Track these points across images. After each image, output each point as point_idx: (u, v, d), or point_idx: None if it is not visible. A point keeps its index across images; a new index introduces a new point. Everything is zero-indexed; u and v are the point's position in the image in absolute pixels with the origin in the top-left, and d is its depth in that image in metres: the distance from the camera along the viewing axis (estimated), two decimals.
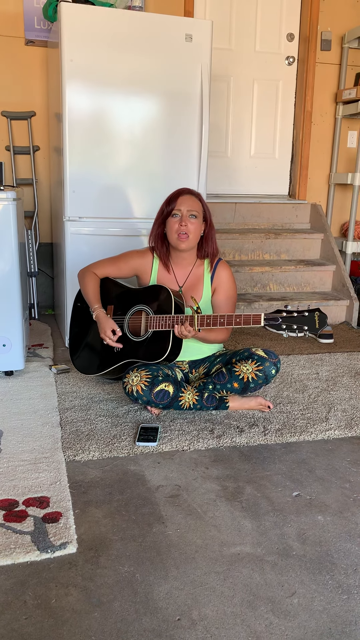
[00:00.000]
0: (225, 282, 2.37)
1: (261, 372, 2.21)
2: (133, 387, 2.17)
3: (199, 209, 2.29)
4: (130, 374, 2.19)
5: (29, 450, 1.97)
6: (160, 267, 2.39)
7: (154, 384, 2.17)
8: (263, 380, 2.23)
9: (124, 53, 2.90)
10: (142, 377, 2.17)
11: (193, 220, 2.27)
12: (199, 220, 2.29)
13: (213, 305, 2.37)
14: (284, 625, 1.25)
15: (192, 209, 2.26)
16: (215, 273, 2.37)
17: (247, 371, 2.22)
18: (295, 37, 4.32)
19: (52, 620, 1.24)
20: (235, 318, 2.11)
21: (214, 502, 1.71)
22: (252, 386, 2.24)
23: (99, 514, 1.63)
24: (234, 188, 4.44)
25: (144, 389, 2.16)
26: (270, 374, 2.23)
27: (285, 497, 1.75)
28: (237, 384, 2.24)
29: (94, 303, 2.33)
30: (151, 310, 2.25)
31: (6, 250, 2.47)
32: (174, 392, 2.20)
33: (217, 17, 4.12)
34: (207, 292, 2.37)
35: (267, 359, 2.23)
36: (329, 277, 4.07)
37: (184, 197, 2.29)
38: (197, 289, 2.36)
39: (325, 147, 4.51)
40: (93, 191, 3.01)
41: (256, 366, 2.22)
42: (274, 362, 2.24)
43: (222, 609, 1.29)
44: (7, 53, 3.71)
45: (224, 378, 2.26)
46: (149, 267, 2.40)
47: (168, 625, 1.24)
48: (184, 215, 2.26)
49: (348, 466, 1.95)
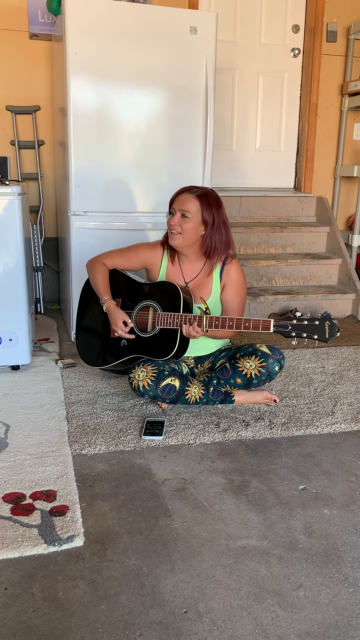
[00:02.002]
0: (235, 278, 2.33)
1: (264, 368, 2.20)
2: (139, 383, 2.17)
3: (194, 209, 2.20)
4: (136, 369, 2.19)
5: (36, 444, 1.98)
6: (169, 262, 2.37)
7: (160, 378, 2.17)
8: (266, 377, 2.22)
9: (129, 46, 2.89)
10: (148, 372, 2.17)
11: (185, 220, 2.21)
12: (193, 221, 2.21)
13: (222, 301, 2.35)
14: (290, 617, 1.25)
15: (185, 208, 2.20)
16: (225, 270, 2.33)
17: (250, 367, 2.21)
18: (300, 28, 4.28)
19: (60, 612, 1.25)
20: (244, 322, 2.09)
21: (220, 495, 1.71)
22: (255, 382, 2.23)
23: (106, 508, 1.63)
24: (239, 181, 4.42)
25: (150, 384, 2.16)
26: (274, 371, 2.22)
27: (291, 491, 1.75)
28: (240, 380, 2.23)
29: (104, 294, 2.32)
30: (159, 306, 2.24)
31: (12, 245, 2.47)
32: (180, 386, 2.20)
33: (222, 9, 4.10)
34: (216, 290, 2.34)
35: (271, 355, 2.22)
36: (335, 270, 4.05)
37: (182, 195, 2.24)
38: (205, 286, 2.34)
39: (331, 139, 4.49)
40: (98, 185, 3.00)
41: (259, 363, 2.21)
42: (278, 359, 2.22)
43: (228, 601, 1.29)
44: (11, 47, 3.70)
45: (227, 373, 2.25)
46: (159, 261, 2.38)
47: (175, 617, 1.24)
48: (176, 214, 2.23)
49: (354, 460, 1.95)
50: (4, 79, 3.73)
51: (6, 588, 1.32)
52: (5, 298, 2.51)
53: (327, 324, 2.04)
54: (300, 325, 2.05)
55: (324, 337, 2.04)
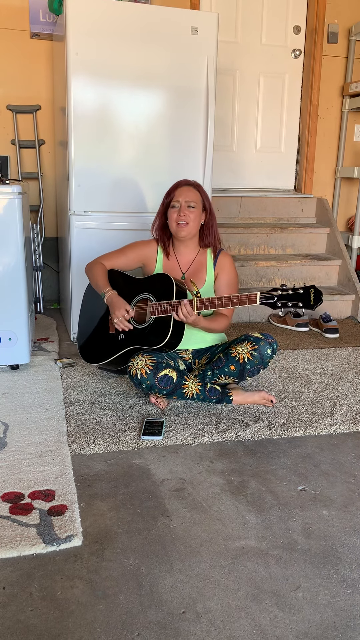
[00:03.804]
0: (227, 268, 2.44)
1: (256, 351, 2.22)
2: (137, 371, 2.19)
3: (197, 199, 2.35)
4: (136, 358, 2.22)
5: (35, 443, 1.98)
6: (164, 256, 2.45)
7: (158, 369, 2.20)
8: (259, 361, 2.23)
9: (130, 46, 2.89)
10: (146, 361, 2.20)
11: (191, 210, 2.33)
12: (197, 210, 2.35)
13: (215, 290, 2.44)
14: (289, 618, 1.25)
15: (190, 199, 2.33)
16: (218, 260, 2.44)
17: (242, 352, 2.23)
18: (301, 29, 4.29)
19: (58, 612, 1.25)
20: (232, 299, 2.15)
21: (219, 496, 1.71)
22: (248, 367, 2.23)
23: (104, 507, 1.63)
24: (240, 182, 4.42)
25: (148, 373, 2.18)
26: (266, 354, 2.23)
27: (290, 492, 1.75)
28: (234, 367, 2.24)
29: (105, 286, 2.37)
30: (154, 297, 2.28)
31: (11, 244, 2.47)
32: (177, 379, 2.22)
33: (223, 10, 4.10)
34: (210, 279, 2.42)
35: (263, 339, 2.25)
36: (335, 271, 4.06)
37: (182, 188, 2.36)
38: (200, 275, 2.42)
39: (331, 140, 4.49)
40: (98, 185, 3.00)
41: (251, 346, 2.23)
42: (270, 343, 2.25)
43: (226, 602, 1.29)
44: (12, 46, 3.70)
45: (221, 363, 2.28)
46: (154, 256, 2.46)
47: (173, 618, 1.24)
48: (182, 206, 2.33)
49: (353, 461, 1.95)
50: (5, 78, 3.73)
51: (4, 587, 1.32)
52: (5, 297, 2.51)
53: (311, 291, 2.08)
54: (286, 295, 2.09)
55: (309, 304, 2.07)
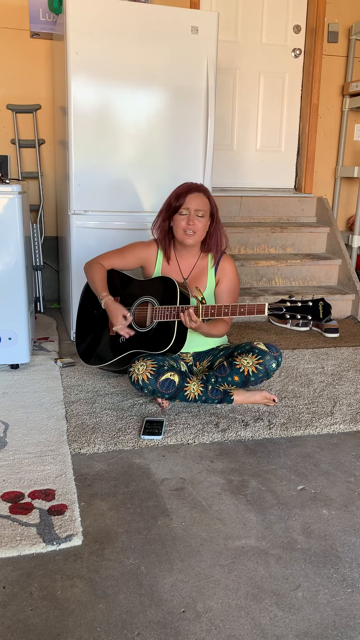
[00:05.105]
0: (229, 273, 2.39)
1: (261, 365, 2.21)
2: (139, 376, 2.17)
3: (206, 207, 2.29)
4: (136, 363, 2.20)
5: (35, 443, 1.98)
6: (165, 259, 2.41)
7: (160, 373, 2.17)
8: (263, 374, 2.22)
9: (130, 45, 2.89)
10: (147, 366, 2.18)
11: (200, 220, 2.28)
12: (205, 219, 2.30)
13: (216, 296, 2.39)
14: (289, 618, 1.25)
15: (200, 208, 2.27)
16: (219, 265, 2.39)
17: (247, 364, 2.22)
18: (301, 29, 4.28)
19: (58, 611, 1.25)
20: (239, 308, 2.13)
21: (219, 495, 1.71)
22: (252, 380, 2.23)
23: (104, 507, 1.63)
24: (240, 181, 4.42)
25: (150, 378, 2.16)
26: (271, 368, 2.22)
27: (290, 491, 1.75)
28: (238, 377, 2.23)
29: (102, 291, 2.35)
30: (157, 301, 2.26)
31: (11, 243, 2.47)
32: (179, 381, 2.20)
33: (223, 9, 4.10)
34: (210, 284, 2.39)
35: (268, 352, 2.22)
36: (335, 271, 4.06)
37: (193, 195, 2.28)
38: (200, 280, 2.38)
39: (331, 140, 4.49)
40: (98, 185, 3.00)
41: (256, 360, 2.21)
42: (275, 356, 2.23)
43: (226, 601, 1.29)
44: (12, 46, 3.70)
45: (225, 371, 2.26)
46: (154, 258, 2.42)
47: (173, 617, 1.24)
48: (192, 215, 2.27)
49: (353, 460, 1.95)
50: (5, 77, 3.72)
51: (4, 587, 1.32)
52: (5, 297, 2.51)
53: (320, 304, 2.07)
54: (294, 307, 2.08)
55: (318, 317, 2.06)
